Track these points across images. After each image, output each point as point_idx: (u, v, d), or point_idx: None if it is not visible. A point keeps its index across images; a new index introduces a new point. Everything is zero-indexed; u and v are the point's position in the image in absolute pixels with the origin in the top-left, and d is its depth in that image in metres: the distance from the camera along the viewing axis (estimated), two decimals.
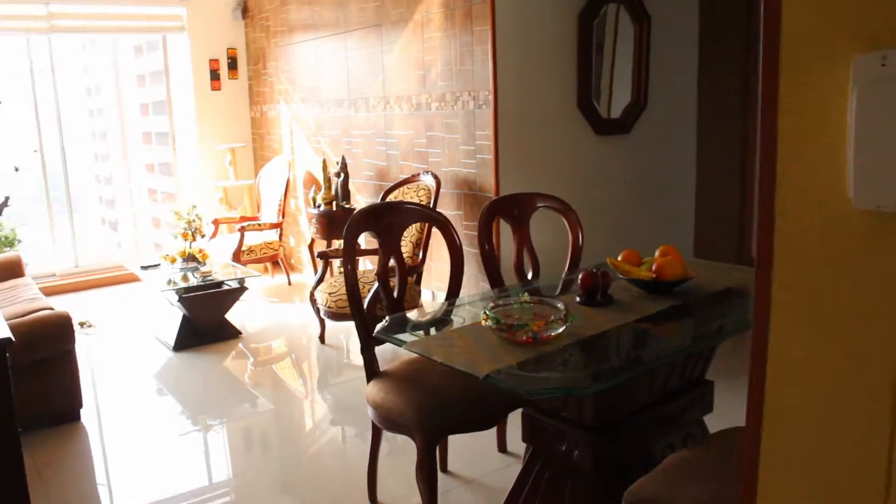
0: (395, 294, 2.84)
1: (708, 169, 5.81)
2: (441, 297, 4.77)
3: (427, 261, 4.64)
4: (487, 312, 2.10)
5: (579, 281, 2.45)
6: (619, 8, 4.67)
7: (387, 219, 2.84)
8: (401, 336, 2.21)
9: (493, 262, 3.08)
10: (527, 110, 4.31)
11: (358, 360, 4.65)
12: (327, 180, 5.17)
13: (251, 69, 6.91)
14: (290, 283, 6.31)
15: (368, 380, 2.71)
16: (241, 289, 4.84)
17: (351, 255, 2.72)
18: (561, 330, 2.05)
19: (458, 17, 4.29)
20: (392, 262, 2.82)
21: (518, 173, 4.31)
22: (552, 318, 2.06)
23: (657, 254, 2.66)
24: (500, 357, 1.94)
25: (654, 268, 2.50)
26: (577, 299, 2.45)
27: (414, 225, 4.29)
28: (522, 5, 4.19)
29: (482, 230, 3.08)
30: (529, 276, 3.20)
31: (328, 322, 4.70)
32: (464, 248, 3.12)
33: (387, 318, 2.40)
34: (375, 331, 2.25)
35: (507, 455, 3.21)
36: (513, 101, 4.22)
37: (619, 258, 2.61)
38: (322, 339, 4.79)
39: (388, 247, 2.83)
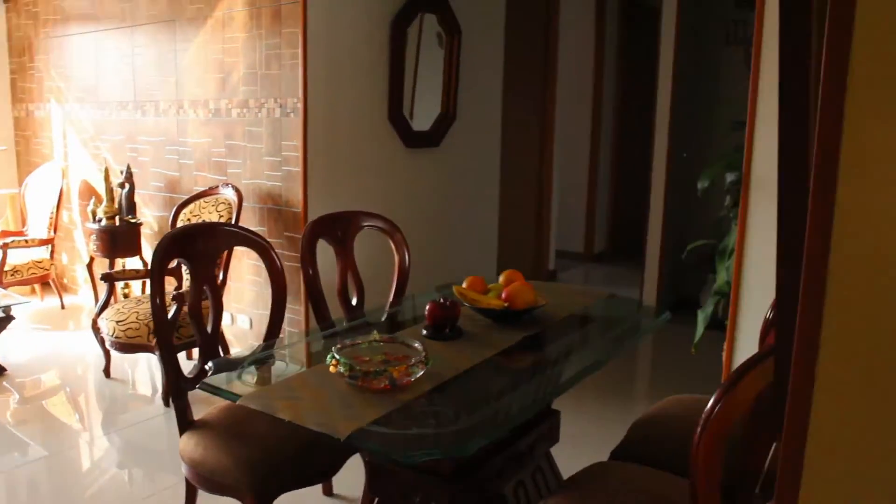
0: (210, 330, 2.48)
1: (510, 183, 5.86)
2: (242, 320, 4.37)
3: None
4: (337, 357, 1.83)
5: (426, 312, 2.24)
6: (431, 18, 4.54)
7: (201, 243, 2.47)
8: (233, 387, 1.87)
9: (317, 289, 2.80)
10: (338, 120, 4.05)
11: (148, 392, 4.13)
12: (109, 191, 4.58)
13: (14, 62, 6.02)
14: (63, 307, 5.56)
15: (181, 431, 2.33)
16: (7, 318, 4.13)
17: (160, 284, 2.32)
18: (420, 374, 1.83)
19: (264, 17, 3.94)
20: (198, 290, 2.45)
21: (328, 188, 4.03)
22: (412, 360, 1.84)
23: (501, 279, 2.53)
24: (358, 411, 1.68)
25: (503, 295, 2.36)
26: (424, 332, 2.24)
27: None
28: (336, 9, 3.93)
29: (306, 253, 2.79)
30: (354, 301, 2.95)
31: (114, 353, 4.14)
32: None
33: (210, 363, 2.05)
34: (203, 380, 1.89)
35: (334, 499, 2.93)
36: (323, 110, 3.95)
37: (465, 285, 2.44)
38: (107, 372, 4.21)
39: (201, 274, 2.46)
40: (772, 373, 1.41)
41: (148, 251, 4.81)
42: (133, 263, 4.90)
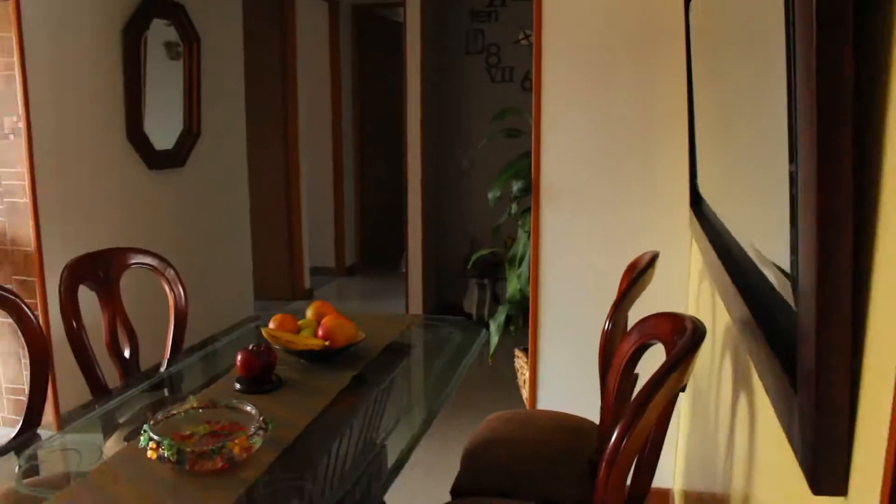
0: None
1: (259, 201, 5.51)
2: None
3: None
4: (154, 437, 1.47)
5: (238, 363, 1.92)
6: (166, 25, 4.08)
7: None
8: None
9: (84, 347, 2.32)
10: (69, 141, 3.47)
11: None
12: None
13: None
14: None
15: None
16: None
17: None
18: (259, 443, 1.53)
19: None
20: None
21: (65, 220, 3.45)
22: (251, 429, 1.53)
23: (309, 313, 2.27)
24: None
25: (320, 332, 2.10)
26: (238, 387, 1.92)
27: None
28: (58, 11, 3.36)
29: (67, 303, 2.30)
30: (127, 354, 2.51)
31: None
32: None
33: None
34: None
35: None
36: (52, 131, 3.36)
37: (273, 325, 2.14)
38: None
39: None
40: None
41: None
42: None
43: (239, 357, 1.92)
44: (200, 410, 1.64)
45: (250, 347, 1.93)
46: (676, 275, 2.85)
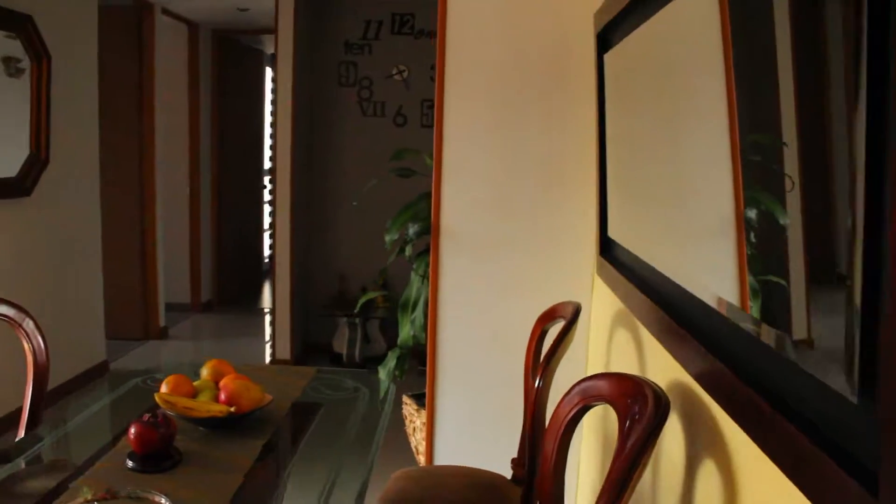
0: None
1: (112, 235, 5.08)
2: None
3: None
4: None
5: (132, 437, 1.66)
6: (8, 37, 3.66)
7: None
8: None
9: None
10: None
11: None
12: None
13: None
14: None
15: None
16: None
17: None
18: None
19: None
20: None
21: None
22: None
23: (206, 373, 2.02)
24: None
25: (223, 397, 1.87)
26: (130, 464, 1.66)
27: None
28: None
29: None
30: None
31: None
32: None
33: None
34: None
35: None
36: None
37: (165, 389, 1.88)
38: None
39: None
40: None
41: None
42: None
43: (133, 430, 1.66)
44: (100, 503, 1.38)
45: (145, 418, 1.67)
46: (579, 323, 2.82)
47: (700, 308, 1.44)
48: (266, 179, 7.87)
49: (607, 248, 2.51)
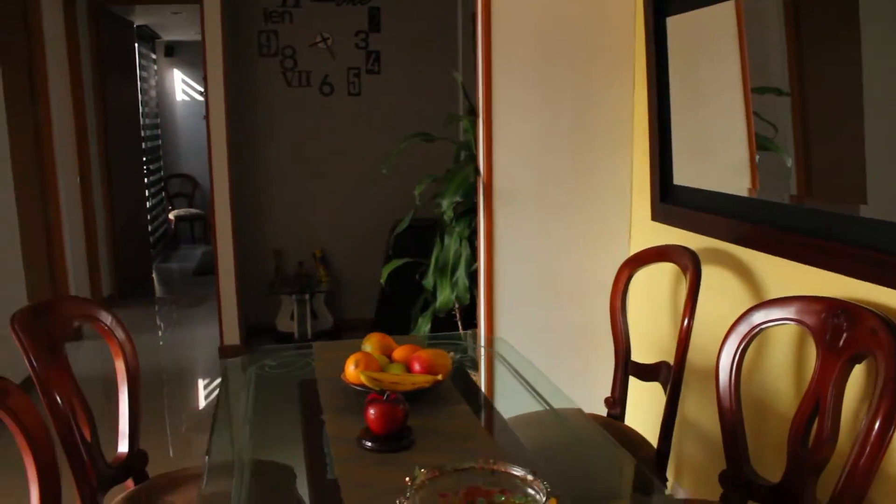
0: None
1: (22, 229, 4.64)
2: None
3: None
4: None
5: (373, 417, 1.63)
6: None
7: None
8: None
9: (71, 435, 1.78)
10: None
11: None
12: None
13: None
14: None
15: None
16: None
17: None
18: None
19: None
20: None
21: None
22: (539, 495, 1.32)
23: (369, 347, 1.98)
24: None
25: (418, 367, 1.86)
26: (368, 444, 1.63)
27: None
28: None
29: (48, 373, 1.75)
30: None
31: None
32: None
33: None
34: None
35: None
36: None
37: (352, 367, 1.83)
38: None
39: None
40: None
41: None
42: None
43: (373, 411, 1.63)
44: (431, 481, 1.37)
45: (385, 396, 1.65)
46: (614, 270, 3.00)
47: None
48: (145, 157, 7.38)
49: (669, 194, 2.69)
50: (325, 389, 1.95)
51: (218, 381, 4.75)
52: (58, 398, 1.83)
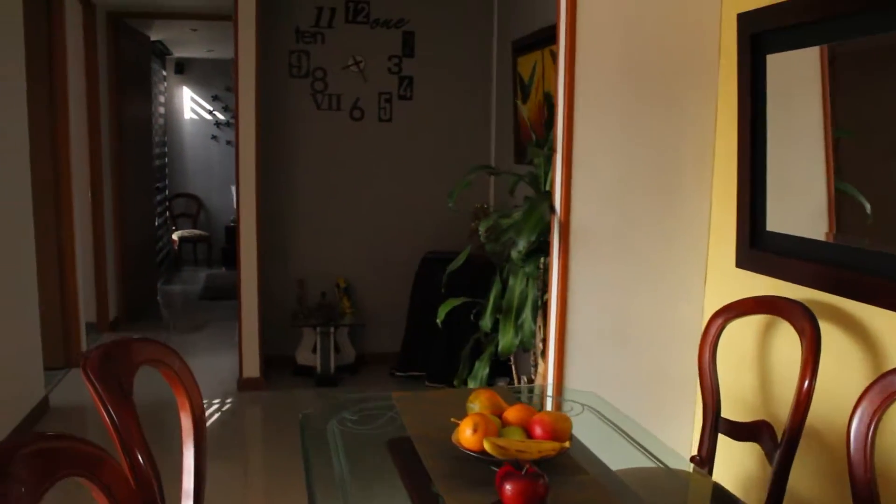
0: None
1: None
2: None
3: None
4: None
5: (510, 494, 1.43)
6: None
7: None
8: None
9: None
10: None
11: None
12: None
13: None
14: None
15: None
16: None
17: None
18: None
19: None
20: None
21: None
22: None
23: (477, 406, 1.79)
24: None
25: (539, 432, 1.67)
26: None
27: None
28: None
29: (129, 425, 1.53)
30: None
31: None
32: None
33: None
34: None
35: None
36: None
37: (469, 432, 1.63)
38: None
39: None
40: None
41: None
42: None
43: (509, 487, 1.43)
44: None
45: (523, 470, 1.45)
46: (689, 317, 2.82)
47: None
48: (158, 176, 7.16)
49: (760, 240, 2.54)
50: (428, 453, 1.75)
51: (236, 414, 4.52)
52: (139, 457, 1.61)
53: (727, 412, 2.30)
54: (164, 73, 8.75)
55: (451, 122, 5.23)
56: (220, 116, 9.11)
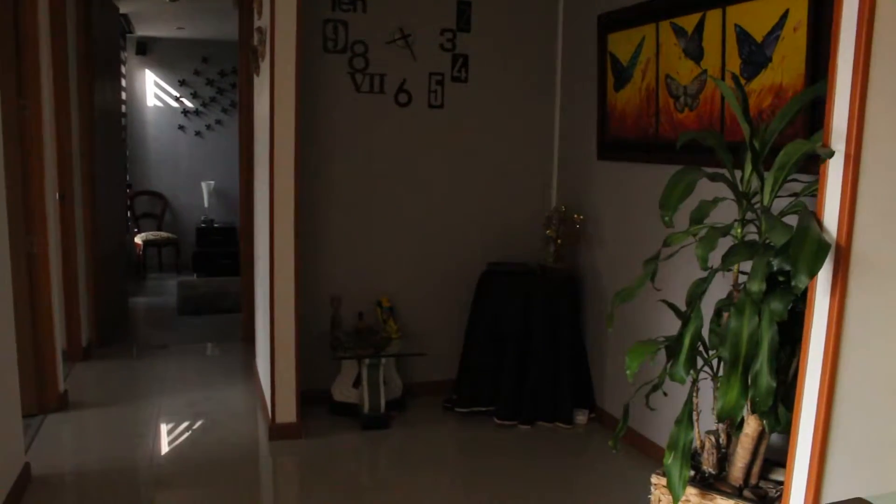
0: None
1: None
2: None
3: None
4: None
5: None
6: None
7: None
8: None
9: None
10: None
11: None
12: None
13: None
14: None
15: None
16: None
17: None
18: None
19: None
20: None
21: None
22: None
23: None
24: None
25: None
26: None
27: None
28: None
29: None
30: None
31: None
32: None
33: None
34: None
35: None
36: None
37: None
38: None
39: None
40: None
41: None
42: None
43: None
44: None
45: None
46: None
47: None
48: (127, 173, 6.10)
49: None
50: None
51: (276, 471, 3.61)
52: None
53: None
54: (125, 54, 7.62)
55: (511, 109, 4.43)
56: (188, 104, 8.03)
